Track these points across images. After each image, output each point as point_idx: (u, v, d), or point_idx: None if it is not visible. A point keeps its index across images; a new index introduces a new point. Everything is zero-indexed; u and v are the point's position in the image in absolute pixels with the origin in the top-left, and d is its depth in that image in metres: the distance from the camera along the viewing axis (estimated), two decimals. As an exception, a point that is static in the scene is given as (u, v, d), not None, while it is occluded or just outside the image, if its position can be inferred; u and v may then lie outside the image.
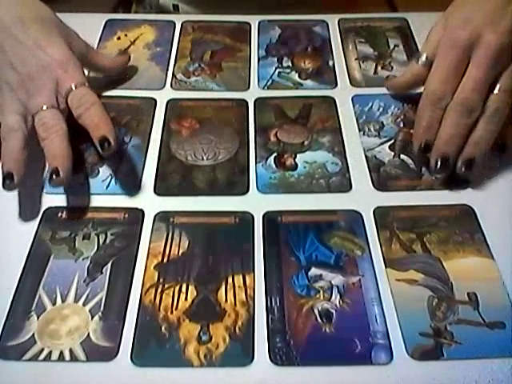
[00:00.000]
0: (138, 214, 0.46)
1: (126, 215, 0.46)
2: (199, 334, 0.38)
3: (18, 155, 0.44)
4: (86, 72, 0.54)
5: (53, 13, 0.53)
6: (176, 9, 0.77)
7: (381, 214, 0.46)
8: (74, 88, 0.48)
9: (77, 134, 0.47)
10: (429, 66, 0.50)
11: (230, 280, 0.41)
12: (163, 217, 0.46)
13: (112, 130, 0.46)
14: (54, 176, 0.44)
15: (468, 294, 0.41)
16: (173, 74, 0.60)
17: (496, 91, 0.46)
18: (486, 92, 0.46)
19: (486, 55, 0.46)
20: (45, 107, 0.47)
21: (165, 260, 0.43)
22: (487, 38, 0.46)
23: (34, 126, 0.47)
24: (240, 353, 0.38)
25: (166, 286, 0.41)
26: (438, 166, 0.46)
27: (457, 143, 0.46)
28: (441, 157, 0.46)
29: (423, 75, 0.50)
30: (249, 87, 0.58)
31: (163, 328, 0.39)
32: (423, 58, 0.51)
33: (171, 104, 0.56)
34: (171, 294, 0.41)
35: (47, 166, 0.46)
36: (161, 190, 0.48)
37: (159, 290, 0.41)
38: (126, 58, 0.59)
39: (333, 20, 0.67)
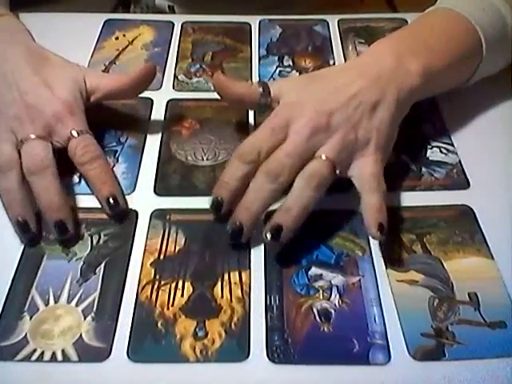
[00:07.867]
0: (132, 215, 0.45)
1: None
2: (195, 329, 0.38)
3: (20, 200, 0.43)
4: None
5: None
6: (171, 10, 0.77)
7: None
8: (75, 134, 0.45)
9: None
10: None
11: (226, 276, 0.41)
12: (160, 214, 0.45)
13: (119, 188, 0.45)
14: (59, 229, 0.42)
15: (469, 294, 0.40)
16: (174, 75, 0.60)
17: (315, 157, 0.43)
18: (303, 159, 0.43)
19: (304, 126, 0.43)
20: (33, 136, 0.44)
21: (161, 257, 0.43)
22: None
23: None
24: (235, 348, 0.37)
25: (163, 282, 0.41)
26: (231, 233, 0.42)
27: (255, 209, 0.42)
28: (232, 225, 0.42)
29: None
30: (251, 87, 0.58)
31: (159, 324, 0.38)
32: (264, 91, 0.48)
33: (171, 104, 0.56)
34: (167, 290, 0.40)
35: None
36: (161, 190, 0.48)
37: (156, 286, 0.41)
38: (147, 68, 0.51)
39: (333, 20, 0.67)
